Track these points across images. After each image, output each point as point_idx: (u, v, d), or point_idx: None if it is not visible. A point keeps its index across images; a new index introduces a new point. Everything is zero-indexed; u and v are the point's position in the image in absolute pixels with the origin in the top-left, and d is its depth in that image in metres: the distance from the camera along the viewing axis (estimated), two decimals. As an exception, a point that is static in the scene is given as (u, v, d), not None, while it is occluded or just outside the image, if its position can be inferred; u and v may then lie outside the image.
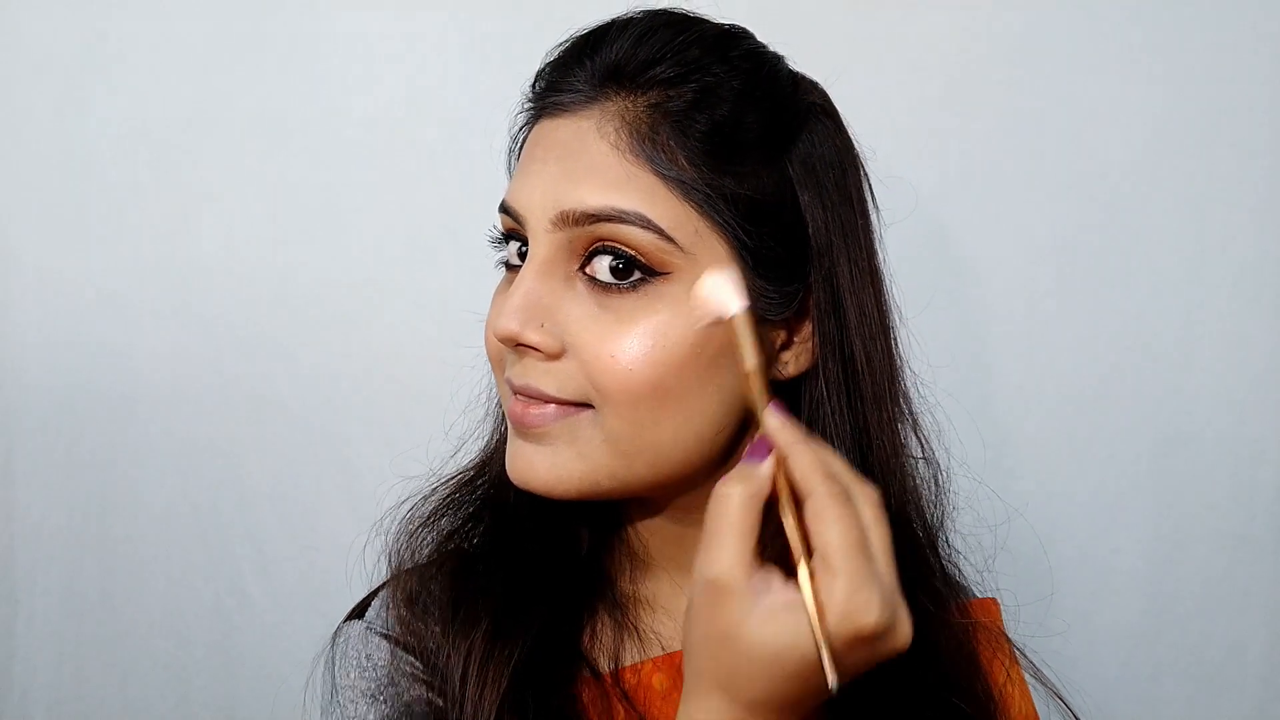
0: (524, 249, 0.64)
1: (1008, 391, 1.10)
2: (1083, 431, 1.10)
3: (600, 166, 0.61)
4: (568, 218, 0.61)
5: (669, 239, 0.60)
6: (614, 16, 0.66)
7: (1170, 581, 1.11)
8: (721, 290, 0.55)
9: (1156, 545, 1.11)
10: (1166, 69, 1.07)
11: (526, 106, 0.68)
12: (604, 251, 0.61)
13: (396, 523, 0.72)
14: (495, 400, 0.75)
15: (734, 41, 0.65)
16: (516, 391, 0.63)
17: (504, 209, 0.65)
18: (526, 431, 0.63)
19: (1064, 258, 1.09)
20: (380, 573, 0.72)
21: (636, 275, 0.61)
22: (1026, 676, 0.77)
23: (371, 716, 0.65)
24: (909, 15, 1.07)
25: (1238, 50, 1.07)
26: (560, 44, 0.67)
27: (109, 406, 1.12)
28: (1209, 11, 1.06)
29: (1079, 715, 0.75)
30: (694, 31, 0.64)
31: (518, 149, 0.69)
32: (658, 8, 0.67)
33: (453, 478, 0.74)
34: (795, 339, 0.66)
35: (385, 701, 0.65)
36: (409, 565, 0.70)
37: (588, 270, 0.62)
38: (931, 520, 0.71)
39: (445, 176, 1.08)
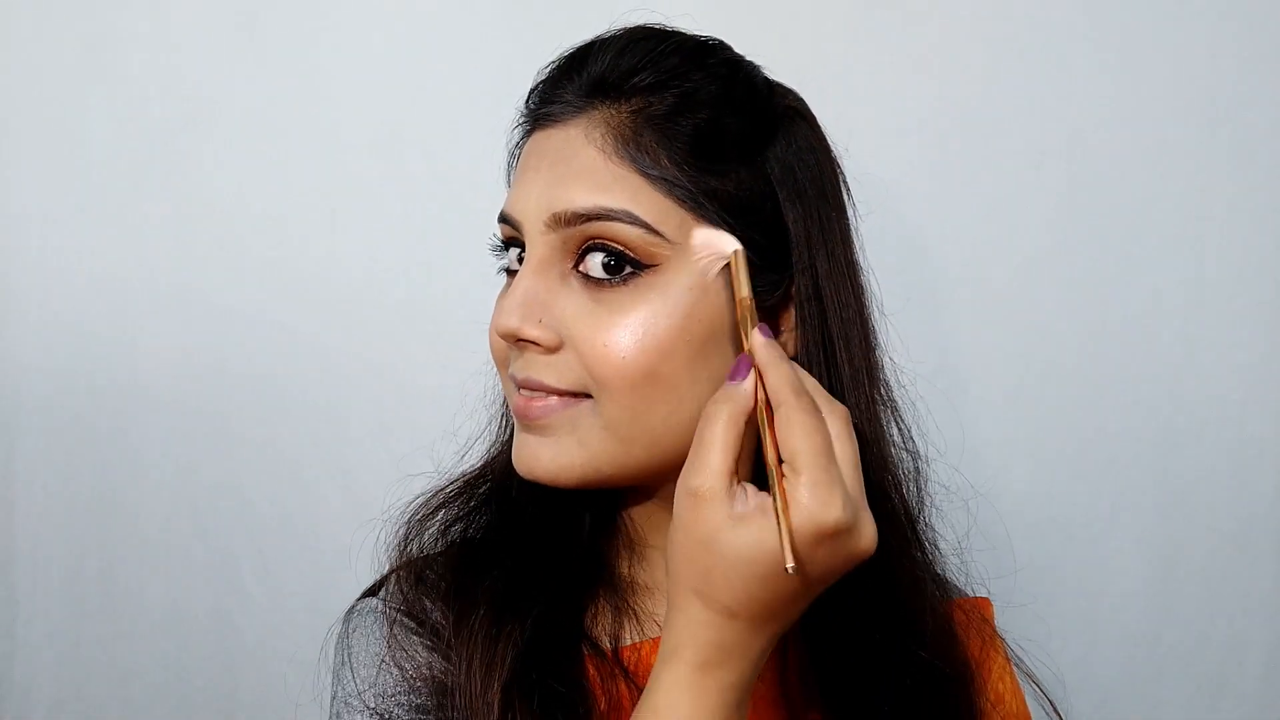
0: (523, 254, 0.68)
1: (1007, 392, 1.10)
2: (1082, 432, 1.10)
3: (588, 170, 0.65)
4: (560, 219, 0.65)
5: (655, 232, 0.64)
6: (597, 34, 0.70)
7: (1170, 581, 1.11)
8: (714, 236, 0.63)
9: (1156, 545, 1.11)
10: (1165, 64, 1.07)
11: (520, 122, 0.72)
12: (596, 249, 0.65)
13: (405, 516, 0.74)
14: (499, 404, 0.77)
15: (711, 51, 0.70)
16: (520, 385, 0.66)
17: (503, 218, 0.69)
18: (530, 424, 0.66)
19: (1063, 259, 1.09)
20: (385, 562, 0.73)
21: (627, 270, 0.64)
22: (1019, 674, 0.78)
23: (383, 680, 0.67)
24: (897, 13, 1.07)
25: (1237, 48, 1.07)
26: (550, 63, 0.71)
27: (110, 408, 1.12)
28: (1207, 11, 1.06)
29: (1064, 718, 0.77)
30: (672, 42, 0.68)
31: (514, 162, 0.73)
32: (638, 23, 0.70)
33: (457, 478, 0.76)
34: (784, 328, 0.70)
35: (395, 668, 0.68)
36: (415, 554, 0.73)
37: (581, 268, 0.65)
38: (911, 504, 0.74)
39: (451, 178, 1.08)
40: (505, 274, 0.71)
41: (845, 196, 0.73)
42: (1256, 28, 1.07)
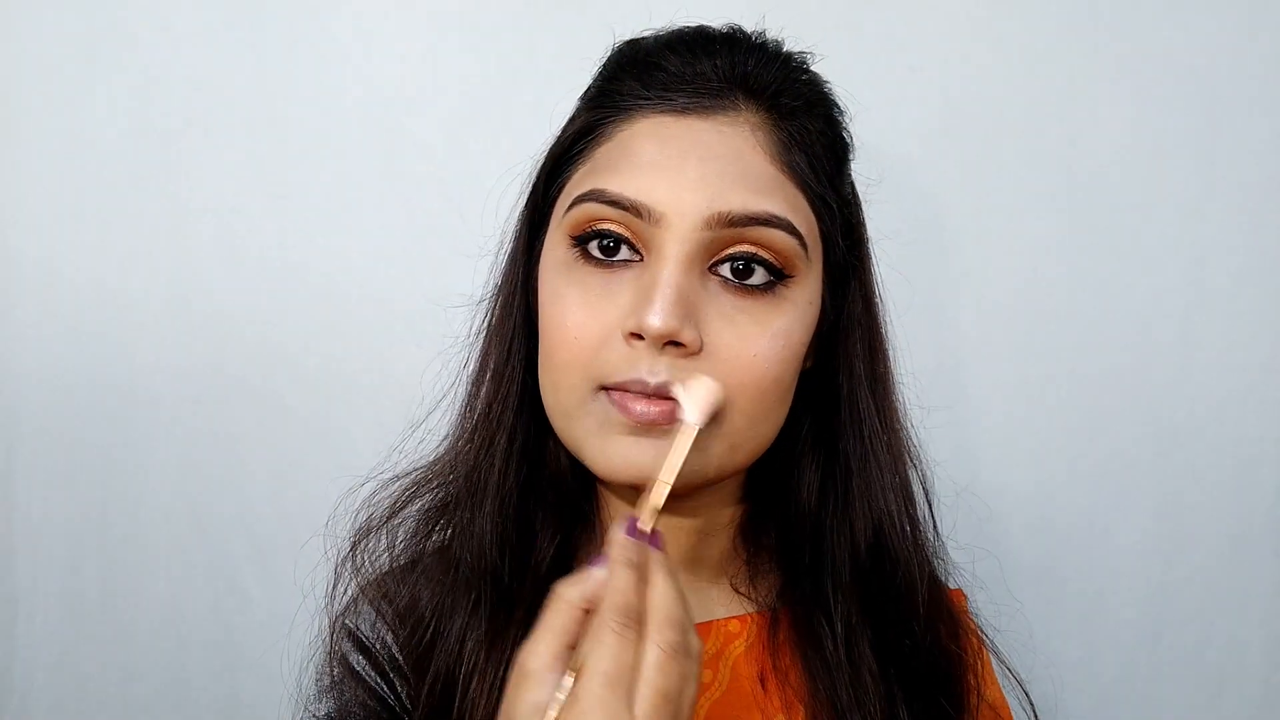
0: (635, 249, 0.63)
1: (1007, 392, 1.10)
2: (1083, 432, 1.10)
3: (754, 173, 0.63)
4: (722, 219, 0.62)
5: (803, 244, 0.64)
6: (720, 26, 0.70)
7: (1170, 581, 1.11)
8: (710, 398, 0.59)
9: (1156, 545, 1.11)
10: (1165, 69, 1.07)
11: (636, 95, 0.65)
12: (737, 255, 0.63)
13: (364, 513, 0.75)
14: (455, 387, 0.77)
15: (808, 70, 0.71)
16: (654, 392, 0.62)
17: (617, 203, 0.63)
18: (652, 428, 0.62)
19: (1063, 258, 1.09)
20: (344, 569, 0.75)
21: (766, 277, 0.63)
22: (994, 662, 0.79)
23: (322, 709, 0.69)
24: (906, 19, 1.07)
25: (1236, 50, 1.07)
26: (656, 37, 0.69)
27: (109, 407, 1.12)
28: (1207, 12, 1.06)
29: (1036, 706, 0.79)
30: (796, 60, 0.70)
31: (589, 129, 0.67)
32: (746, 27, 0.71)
33: (407, 473, 0.76)
34: (843, 343, 0.72)
35: (335, 698, 0.69)
36: (382, 563, 0.74)
37: (718, 271, 0.63)
38: (934, 520, 0.76)
39: (446, 175, 1.08)
40: (583, 258, 0.64)
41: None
42: (1257, 28, 1.07)
